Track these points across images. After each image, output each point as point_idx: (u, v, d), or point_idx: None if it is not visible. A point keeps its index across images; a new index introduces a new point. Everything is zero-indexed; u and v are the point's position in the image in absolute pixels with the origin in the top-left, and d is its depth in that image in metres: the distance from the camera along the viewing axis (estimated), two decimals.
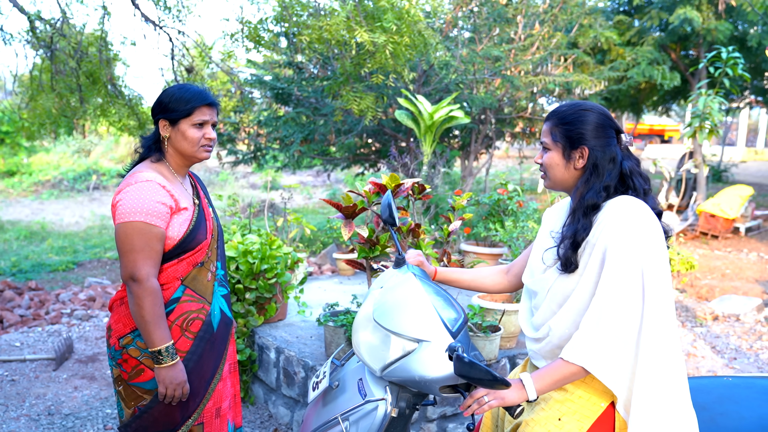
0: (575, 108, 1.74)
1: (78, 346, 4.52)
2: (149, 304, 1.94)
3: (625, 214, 1.60)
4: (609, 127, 1.71)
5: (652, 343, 1.56)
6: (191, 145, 2.08)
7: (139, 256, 1.94)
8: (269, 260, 3.69)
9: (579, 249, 1.65)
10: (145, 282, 1.94)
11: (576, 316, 1.64)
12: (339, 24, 5.58)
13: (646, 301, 1.56)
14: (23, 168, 22.57)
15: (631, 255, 1.56)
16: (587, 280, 1.62)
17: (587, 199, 1.66)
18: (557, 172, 1.75)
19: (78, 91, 6.74)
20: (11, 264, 10.10)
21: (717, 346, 4.88)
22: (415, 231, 2.90)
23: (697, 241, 10.21)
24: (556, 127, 1.74)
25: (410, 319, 1.61)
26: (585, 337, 1.57)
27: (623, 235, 1.57)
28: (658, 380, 1.56)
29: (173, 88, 2.11)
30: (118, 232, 1.98)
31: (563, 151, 1.73)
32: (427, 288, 1.71)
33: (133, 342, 2.04)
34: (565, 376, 1.60)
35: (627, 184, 1.68)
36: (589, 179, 1.68)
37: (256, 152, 9.06)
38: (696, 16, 10.13)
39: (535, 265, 1.83)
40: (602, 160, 1.67)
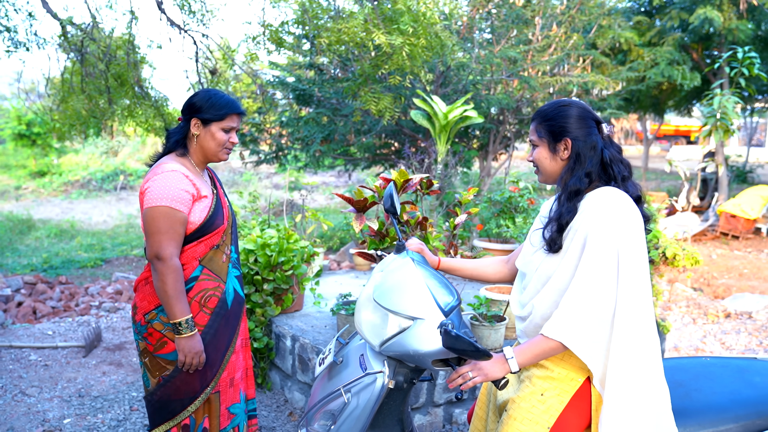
0: (555, 105, 1.89)
1: (106, 335, 4.74)
2: (172, 280, 2.15)
3: (605, 203, 1.74)
4: (588, 118, 1.85)
5: (626, 322, 1.69)
6: (217, 145, 2.31)
7: (163, 237, 2.15)
8: (286, 253, 3.87)
9: (564, 232, 1.79)
10: (169, 260, 2.15)
11: (556, 296, 1.77)
12: (357, 26, 5.75)
13: (620, 282, 1.69)
14: (53, 168, 23.14)
15: (608, 240, 1.69)
16: (568, 263, 1.76)
17: (570, 185, 1.80)
18: (546, 166, 1.90)
19: (107, 92, 7.00)
20: (43, 260, 10.46)
21: (726, 342, 4.95)
22: (423, 224, 3.05)
23: (717, 241, 10.18)
24: (540, 125, 1.90)
25: (406, 299, 1.77)
26: (564, 315, 1.71)
27: (602, 222, 1.71)
28: (632, 356, 1.69)
29: (208, 92, 2.33)
30: (146, 216, 2.19)
31: (549, 145, 1.88)
32: (424, 272, 1.86)
33: (157, 317, 2.26)
34: (545, 350, 1.74)
35: (608, 171, 1.82)
36: (573, 167, 1.82)
37: (278, 152, 9.27)
38: (717, 16, 10.11)
39: (526, 248, 1.98)
40: (584, 149, 1.81)
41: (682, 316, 5.66)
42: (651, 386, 1.72)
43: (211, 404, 2.34)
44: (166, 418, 2.29)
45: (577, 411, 1.78)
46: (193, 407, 2.29)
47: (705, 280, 7.51)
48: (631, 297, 1.70)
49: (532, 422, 1.77)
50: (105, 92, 7.04)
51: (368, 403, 1.80)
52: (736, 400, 1.83)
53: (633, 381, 1.70)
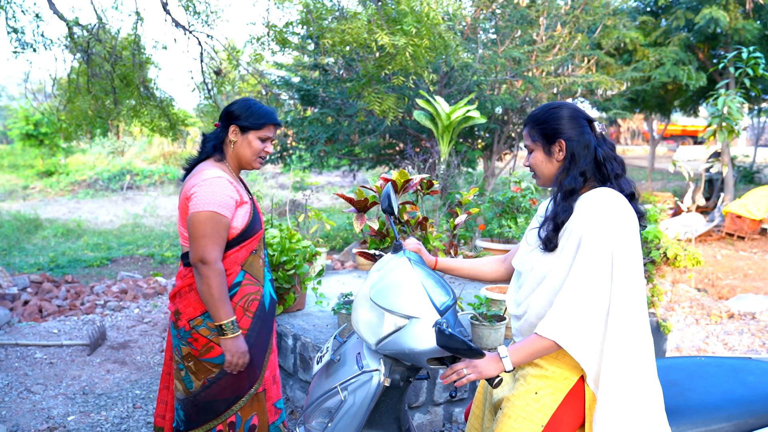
0: (545, 108, 1.92)
1: (110, 333, 4.78)
2: (216, 283, 2.21)
3: (600, 203, 1.76)
4: (580, 118, 1.87)
5: (620, 321, 1.70)
6: (252, 154, 2.37)
7: (208, 241, 2.21)
8: (288, 252, 3.89)
9: (559, 231, 1.81)
10: (213, 264, 2.21)
11: (551, 295, 1.79)
12: (360, 27, 5.78)
13: (614, 282, 1.70)
14: (61, 168, 23.27)
15: (602, 240, 1.71)
16: (563, 262, 1.78)
17: (565, 184, 1.82)
18: (543, 169, 1.92)
19: (113, 93, 7.06)
20: (49, 259, 10.53)
21: (729, 343, 4.94)
22: (423, 224, 3.07)
23: (722, 242, 10.15)
24: (533, 129, 1.92)
25: (402, 298, 1.79)
26: (557, 314, 1.73)
27: (596, 223, 1.72)
28: (625, 356, 1.71)
29: (247, 101, 2.39)
30: (191, 220, 2.24)
31: (543, 148, 1.89)
32: (420, 271, 1.88)
33: (203, 323, 2.32)
34: (538, 349, 1.76)
35: (601, 170, 1.83)
36: (569, 167, 1.84)
37: (283, 152, 9.31)
38: (722, 16, 10.08)
39: (522, 247, 2.00)
40: (578, 148, 1.83)
41: (685, 317, 5.66)
42: (644, 386, 1.73)
43: (259, 402, 2.43)
44: (210, 418, 2.36)
45: (571, 410, 1.80)
46: (238, 406, 2.37)
47: (709, 281, 7.49)
48: (625, 297, 1.71)
49: (527, 420, 1.79)
50: (111, 93, 7.09)
51: (364, 401, 1.83)
52: (729, 399, 1.84)
53: (626, 380, 1.71)
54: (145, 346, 4.52)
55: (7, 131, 24.93)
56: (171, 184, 22.47)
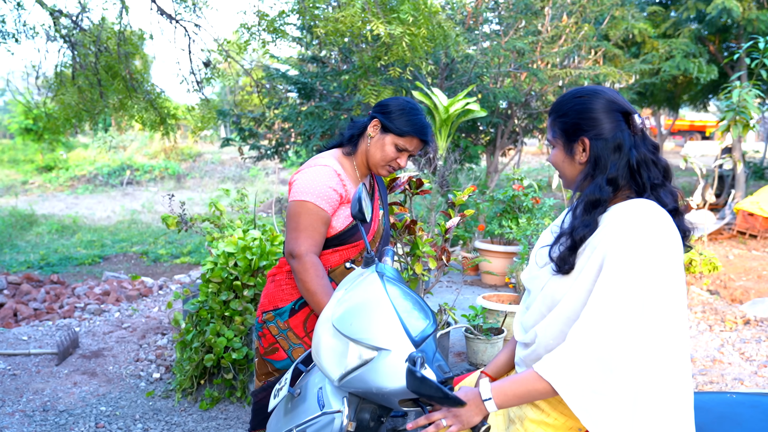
0: (571, 96, 1.55)
1: (84, 340, 4.49)
2: (311, 275, 1.97)
3: (632, 219, 1.39)
4: (614, 111, 1.49)
5: (652, 377, 1.35)
6: (382, 158, 2.13)
7: (301, 234, 2.01)
8: (269, 256, 3.59)
9: (578, 249, 1.46)
10: (304, 257, 1.98)
11: (564, 326, 1.45)
12: (355, 15, 5.46)
13: (645, 323, 1.34)
14: (60, 163, 23.06)
15: (631, 265, 1.35)
16: (581, 286, 1.42)
17: (587, 194, 1.47)
18: (566, 170, 1.58)
19: (98, 85, 6.76)
20: (40, 257, 10.27)
21: (746, 352, 4.61)
22: (411, 228, 2.76)
23: (734, 240, 9.80)
24: (555, 121, 1.57)
25: (370, 324, 1.47)
26: (565, 353, 1.38)
27: (626, 243, 1.36)
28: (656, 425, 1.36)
29: (408, 103, 2.14)
30: (288, 209, 2.07)
31: (564, 147, 1.55)
32: (394, 290, 1.55)
33: (274, 320, 2.14)
34: (531, 391, 1.41)
35: (635, 177, 1.48)
36: (593, 173, 1.48)
37: (278, 147, 9.01)
38: (735, 6, 9.69)
39: (532, 261, 1.66)
40: (605, 151, 1.47)
41: (698, 323, 5.33)
42: None
43: None
44: (263, 425, 2.14)
45: None
46: None
47: (722, 282, 7.15)
48: (661, 341, 1.35)
49: None
50: (96, 85, 6.79)
51: None
52: None
53: None
54: (119, 355, 4.23)
55: (7, 126, 24.67)
56: (171, 180, 22.22)
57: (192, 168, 24.42)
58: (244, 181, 21.43)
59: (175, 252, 10.67)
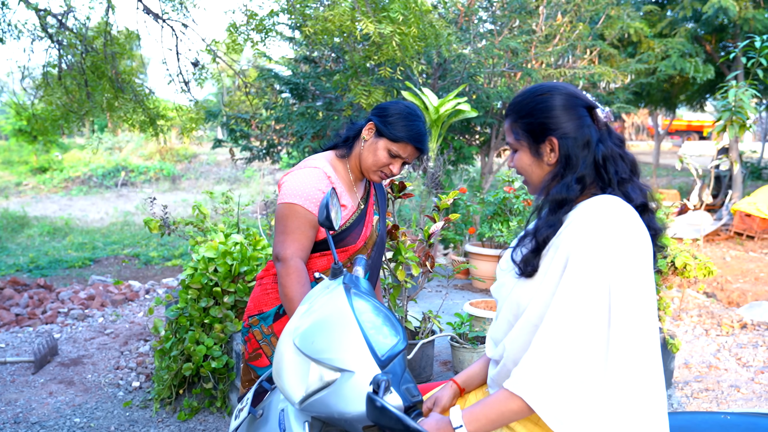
0: (531, 95, 1.46)
1: (64, 347, 4.38)
2: (292, 281, 1.91)
3: (595, 216, 1.30)
4: (578, 106, 1.41)
5: (622, 380, 1.26)
6: (373, 162, 2.07)
7: (288, 237, 1.96)
8: (250, 261, 3.48)
9: (542, 251, 1.37)
10: (289, 261, 1.92)
11: (531, 335, 1.34)
12: (344, 14, 5.35)
13: (613, 325, 1.26)
14: (55, 165, 22.89)
15: (595, 266, 1.26)
16: (546, 289, 1.33)
17: (554, 193, 1.38)
18: (533, 175, 1.48)
19: (84, 86, 6.64)
20: (29, 260, 10.14)
21: (743, 358, 4.51)
22: (393, 233, 2.65)
23: (731, 241, 9.71)
24: (515, 123, 1.47)
25: (332, 343, 1.35)
26: (532, 363, 1.28)
27: (588, 243, 1.27)
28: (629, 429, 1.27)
29: (407, 108, 2.08)
30: (276, 211, 2.02)
31: (530, 148, 1.45)
32: (361, 304, 1.44)
33: (258, 324, 2.09)
34: (505, 413, 1.30)
35: (601, 173, 1.39)
36: (562, 173, 1.40)
37: (270, 148, 8.89)
38: (732, 5, 9.60)
39: (498, 270, 1.56)
40: (575, 148, 1.38)
41: (694, 327, 5.22)
42: None
43: None
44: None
45: None
46: None
47: (718, 285, 7.06)
48: (630, 347, 1.26)
49: None
50: (83, 85, 6.67)
51: None
52: None
53: None
54: (99, 363, 4.12)
55: (1, 127, 24.49)
56: (166, 181, 22.08)
57: (187, 169, 24.27)
58: (240, 183, 21.31)
59: (167, 254, 10.55)
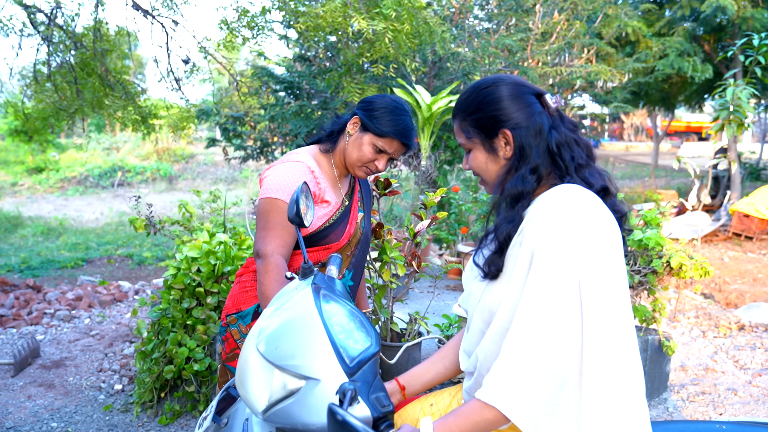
0: (476, 90, 1.39)
1: (47, 349, 4.28)
2: (270, 278, 1.82)
3: (559, 205, 1.23)
4: (525, 94, 1.35)
5: (598, 378, 1.18)
6: (358, 158, 2.00)
7: (269, 233, 1.88)
8: (234, 261, 3.39)
9: (505, 249, 1.29)
10: (269, 257, 1.84)
11: (503, 341, 1.26)
12: (335, 10, 5.26)
13: (586, 322, 1.17)
14: (51, 165, 22.78)
15: (562, 259, 1.18)
16: (513, 290, 1.24)
17: (509, 188, 1.31)
18: (490, 172, 1.41)
19: (74, 83, 6.55)
20: (21, 260, 10.04)
21: (740, 360, 4.42)
22: (377, 232, 2.55)
23: (729, 242, 9.63)
24: (464, 121, 1.41)
25: (297, 349, 1.26)
26: (503, 369, 1.20)
27: (553, 234, 1.19)
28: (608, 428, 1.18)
29: (393, 102, 2.01)
30: (258, 206, 1.95)
31: (483, 145, 1.38)
32: (331, 307, 1.35)
33: (236, 323, 2.03)
34: (479, 423, 1.21)
35: (556, 161, 1.32)
36: (516, 166, 1.33)
37: (264, 147, 8.80)
38: (730, 4, 9.52)
39: (464, 277, 1.48)
40: (528, 138, 1.32)
41: (691, 329, 5.13)
42: None
43: None
44: None
45: None
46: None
47: (716, 285, 6.97)
48: (605, 343, 1.18)
49: None
50: (72, 83, 6.58)
51: None
52: None
53: None
54: (82, 365, 4.02)
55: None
56: (163, 181, 21.98)
57: (184, 169, 24.19)
58: (236, 183, 21.22)
59: (160, 255, 10.45)
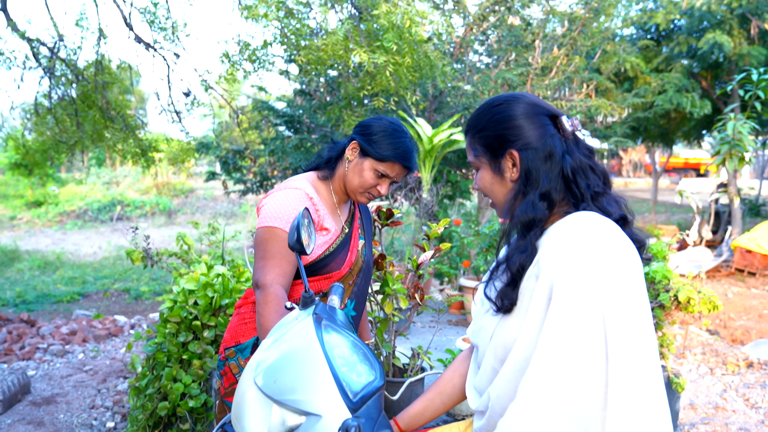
0: (488, 107, 1.34)
1: (39, 385, 4.16)
2: (270, 310, 1.74)
3: (578, 234, 1.16)
4: (537, 114, 1.29)
5: (624, 424, 1.09)
6: (360, 185, 1.96)
7: (268, 263, 1.82)
8: (232, 294, 3.31)
9: (519, 281, 1.22)
10: (268, 287, 1.77)
11: (519, 381, 1.18)
12: (337, 44, 5.28)
13: (611, 361, 1.10)
14: (50, 198, 22.79)
15: (586, 294, 1.11)
16: (531, 328, 1.17)
17: (519, 214, 1.24)
18: (497, 193, 1.35)
19: (74, 115, 6.55)
20: (16, 294, 9.92)
21: (751, 398, 4.31)
22: (379, 263, 2.48)
23: (732, 278, 9.54)
24: (473, 138, 1.36)
25: (297, 382, 1.19)
26: (521, 412, 1.12)
27: (575, 266, 1.12)
28: None
29: (391, 125, 1.96)
30: (256, 236, 1.89)
31: (491, 165, 1.33)
32: (333, 338, 1.28)
33: (235, 357, 1.96)
34: None
35: (571, 188, 1.26)
36: (524, 190, 1.26)
37: (263, 181, 8.78)
38: (726, 41, 9.62)
39: (474, 310, 1.40)
40: (536, 161, 1.25)
41: (698, 365, 5.02)
42: None
43: None
44: None
45: None
46: None
47: (721, 322, 6.87)
48: (632, 380, 1.10)
49: None
50: (73, 115, 6.58)
51: None
52: None
53: None
54: (74, 401, 3.90)
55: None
56: (162, 215, 21.93)
57: (184, 204, 24.18)
58: (236, 217, 21.19)
59: (158, 289, 10.34)
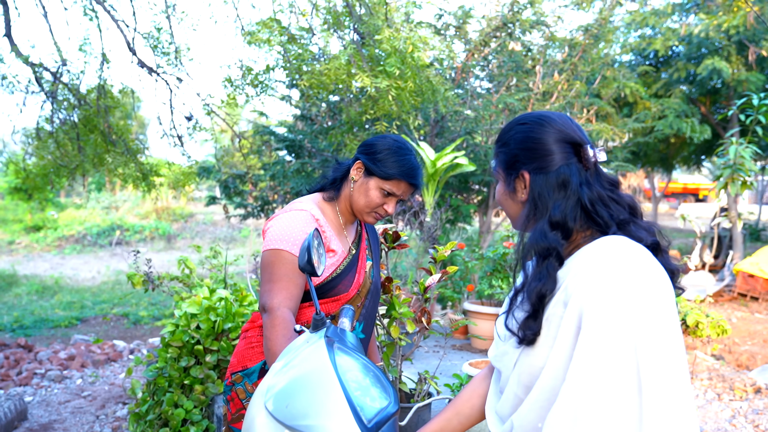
0: (515, 123, 1.31)
1: (36, 411, 4.09)
2: (277, 334, 1.70)
3: (608, 260, 1.11)
4: (560, 141, 1.24)
5: None
6: (366, 204, 1.93)
7: (275, 286, 1.78)
8: (235, 318, 3.27)
9: (539, 313, 1.17)
10: (275, 311, 1.73)
11: (545, 412, 1.14)
12: (339, 68, 5.31)
13: (645, 393, 1.05)
14: (49, 223, 22.75)
15: (618, 323, 1.06)
16: (559, 358, 1.12)
17: (531, 242, 1.20)
18: (509, 209, 1.32)
19: (76, 139, 6.56)
20: (14, 319, 9.84)
21: (761, 425, 4.24)
22: (386, 286, 2.45)
23: (735, 302, 9.48)
24: (498, 151, 1.33)
25: (310, 407, 1.15)
26: None
27: (605, 293, 1.08)
28: None
29: (396, 143, 1.94)
30: (262, 259, 1.86)
31: (505, 181, 1.30)
32: (345, 361, 1.24)
33: (242, 382, 1.91)
34: None
35: (593, 218, 1.21)
36: (533, 215, 1.23)
37: (264, 205, 8.77)
38: (725, 67, 9.70)
39: (496, 335, 1.36)
40: (545, 188, 1.21)
41: (705, 391, 4.95)
42: None
43: None
44: None
45: None
46: None
47: (726, 347, 6.80)
48: (666, 414, 1.05)
49: None
50: (74, 139, 6.59)
51: None
52: None
53: None
54: (71, 428, 3.83)
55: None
56: (161, 240, 21.88)
57: (183, 228, 24.15)
58: (236, 242, 21.13)
59: (157, 314, 10.26)
